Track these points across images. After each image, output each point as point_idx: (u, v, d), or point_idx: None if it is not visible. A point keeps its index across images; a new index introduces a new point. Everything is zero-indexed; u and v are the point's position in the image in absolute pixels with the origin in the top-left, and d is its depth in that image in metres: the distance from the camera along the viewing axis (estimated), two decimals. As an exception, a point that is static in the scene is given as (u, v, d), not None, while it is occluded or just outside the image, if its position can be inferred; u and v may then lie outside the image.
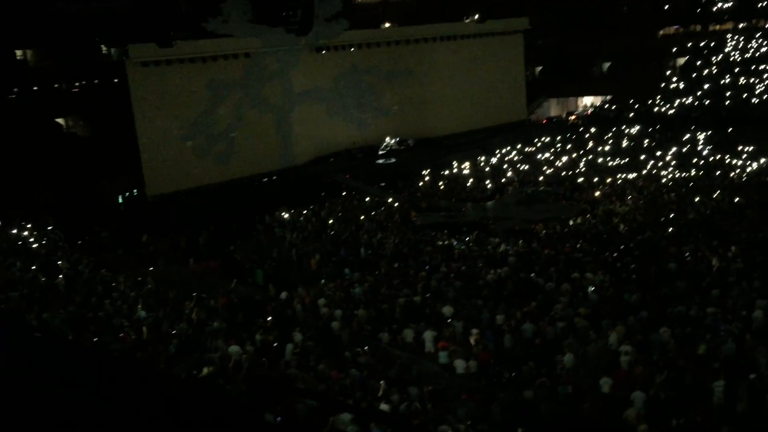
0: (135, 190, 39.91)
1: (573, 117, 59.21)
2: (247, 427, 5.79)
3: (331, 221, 31.35)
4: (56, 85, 47.69)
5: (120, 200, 39.71)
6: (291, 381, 14.35)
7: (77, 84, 48.46)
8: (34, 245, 27.62)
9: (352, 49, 48.71)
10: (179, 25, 49.43)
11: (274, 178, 43.06)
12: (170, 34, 42.56)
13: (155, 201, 38.50)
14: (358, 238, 28.27)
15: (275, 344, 16.97)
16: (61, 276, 22.91)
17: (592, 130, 51.07)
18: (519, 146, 47.24)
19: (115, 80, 43.33)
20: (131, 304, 19.93)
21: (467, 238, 28.47)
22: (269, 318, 19.03)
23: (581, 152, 43.86)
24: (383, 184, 39.63)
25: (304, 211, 33.44)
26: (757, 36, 58.26)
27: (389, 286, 21.62)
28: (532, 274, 21.65)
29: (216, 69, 41.77)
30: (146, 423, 5.15)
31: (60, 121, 47.98)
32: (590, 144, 46.28)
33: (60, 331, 16.72)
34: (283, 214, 32.71)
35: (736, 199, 29.49)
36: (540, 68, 67.17)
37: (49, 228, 30.85)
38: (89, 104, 46.55)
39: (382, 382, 14.25)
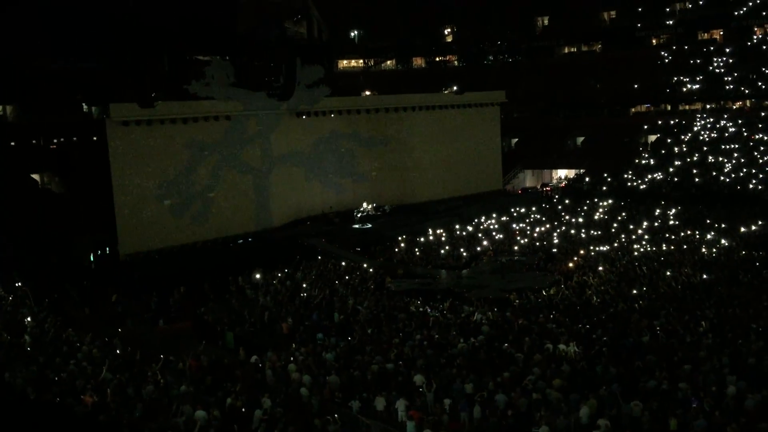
0: (107, 248, 39.47)
1: (548, 188, 60.25)
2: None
3: (305, 285, 31.15)
4: (34, 141, 47.58)
5: (91, 258, 39.19)
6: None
7: (55, 141, 48.41)
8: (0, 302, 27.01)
9: (333, 116, 49.53)
10: (161, 85, 50.10)
11: (250, 239, 42.96)
12: (152, 95, 43.05)
13: (128, 260, 38.09)
14: (332, 302, 28.07)
15: (243, 410, 16.59)
16: (26, 334, 22.33)
17: (566, 201, 51.94)
18: (494, 215, 47.78)
19: (94, 138, 43.38)
20: (96, 365, 19.43)
21: (441, 306, 28.40)
22: (238, 382, 18.64)
23: (555, 223, 44.43)
24: (359, 249, 39.67)
25: (279, 274, 33.21)
26: (725, 116, 60.31)
27: (362, 352, 21.38)
28: (506, 344, 21.58)
29: (196, 130, 42.13)
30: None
31: (35, 177, 47.69)
32: (564, 215, 46.95)
33: (22, 391, 16.22)
34: (256, 276, 32.46)
35: (705, 276, 29.91)
36: (516, 140, 68.73)
37: (17, 284, 30.22)
38: (66, 161, 46.41)
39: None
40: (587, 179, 58.73)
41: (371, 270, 34.36)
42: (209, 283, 31.06)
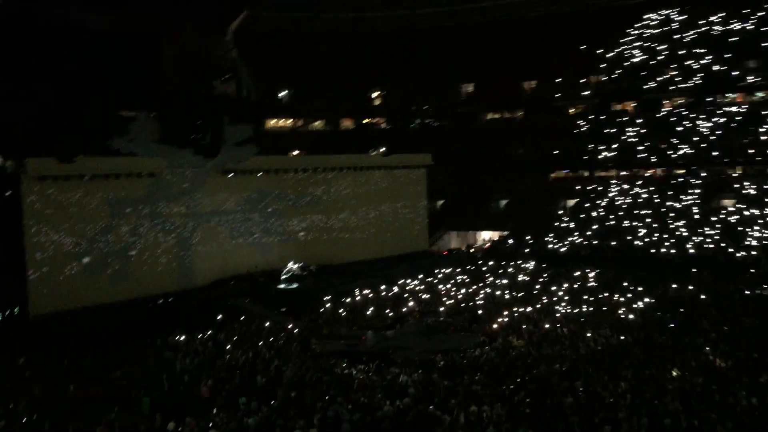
0: (16, 308, 37.45)
1: (472, 250, 61.29)
2: None
3: (227, 347, 30.29)
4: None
5: (-1, 318, 37.11)
6: None
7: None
8: None
9: (260, 175, 49.31)
10: (81, 140, 48.78)
11: (171, 299, 41.65)
12: (72, 150, 41.80)
13: (38, 320, 36.21)
14: (255, 364, 27.36)
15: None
16: None
17: (490, 263, 52.89)
18: (420, 276, 48.09)
19: (7, 193, 41.60)
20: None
21: (367, 368, 28.09)
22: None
23: (480, 284, 45.06)
24: (284, 309, 39.03)
25: (200, 336, 32.21)
26: (637, 183, 63.34)
27: (285, 416, 20.82)
28: (431, 406, 21.46)
29: (118, 186, 41.10)
30: None
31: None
32: (488, 277, 47.71)
33: None
34: (176, 338, 31.37)
35: (623, 337, 30.77)
36: (442, 202, 70.01)
37: None
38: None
39: None
40: (510, 241, 60.14)
41: (296, 331, 33.83)
42: (125, 346, 29.81)
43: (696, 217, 56.41)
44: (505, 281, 45.52)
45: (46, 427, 18.99)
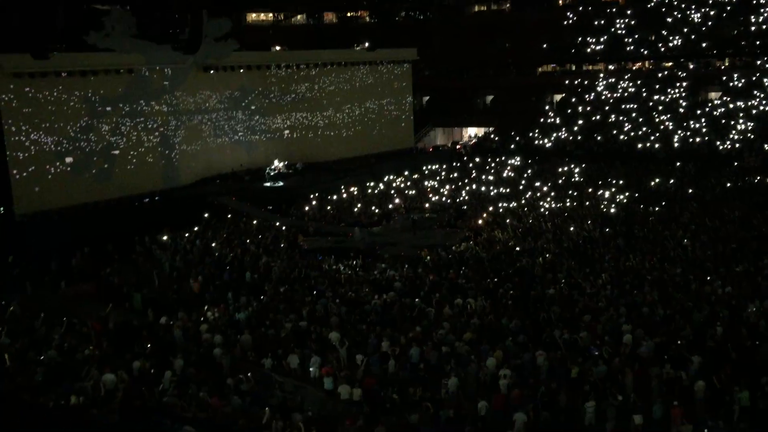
0: (1, 208, 37.33)
1: (458, 146, 61.17)
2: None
3: (215, 244, 30.58)
4: None
5: (-16, 218, 37.04)
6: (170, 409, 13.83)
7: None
8: None
9: (242, 71, 48.18)
10: (56, 36, 47.08)
11: (157, 198, 41.61)
12: (46, 46, 40.39)
13: (24, 220, 36.18)
14: (243, 261, 27.74)
15: (152, 371, 16.29)
16: None
17: (476, 159, 52.95)
18: (406, 173, 48.17)
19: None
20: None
21: (354, 263, 28.59)
22: (147, 344, 18.25)
23: (465, 181, 45.28)
24: (270, 207, 39.19)
25: (187, 234, 32.42)
26: (625, 77, 62.65)
27: (275, 311, 21.32)
28: (417, 300, 22.03)
29: (96, 84, 40.06)
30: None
31: None
32: (474, 173, 47.89)
33: None
34: (164, 236, 31.57)
35: (606, 229, 31.33)
36: (427, 98, 69.09)
37: None
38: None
39: (266, 409, 13.98)
40: (496, 137, 59.96)
41: (283, 228, 34.11)
42: (114, 244, 29.98)
43: (682, 110, 56.22)
44: (490, 177, 45.74)
45: (40, 323, 19.33)
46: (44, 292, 24.88)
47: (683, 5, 63.39)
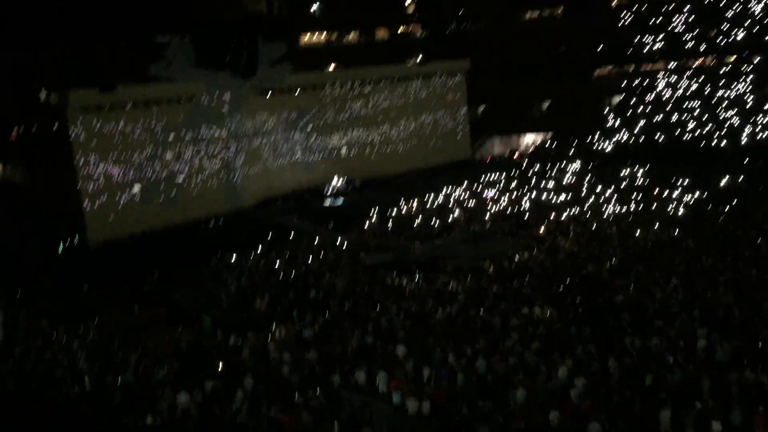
0: (76, 238, 38.86)
1: (516, 155, 60.57)
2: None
3: (278, 264, 31.07)
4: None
5: (60, 248, 38.58)
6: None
7: (14, 131, 47.11)
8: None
9: (298, 92, 49.02)
10: (121, 70, 48.84)
11: (221, 221, 42.60)
12: (112, 80, 41.98)
13: (97, 248, 37.57)
14: (307, 279, 28.07)
15: (224, 392, 16.61)
16: (-2, 329, 22.05)
17: (535, 167, 52.30)
18: (465, 184, 47.97)
19: (54, 127, 42.40)
20: (72, 356, 19.27)
21: (416, 277, 28.55)
22: (218, 365, 18.64)
23: (525, 189, 44.77)
24: (331, 225, 39.59)
25: (252, 255, 33.05)
26: (686, 75, 60.99)
27: (340, 327, 21.48)
28: (482, 311, 21.83)
29: (159, 113, 41.45)
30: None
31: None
32: (533, 181, 47.31)
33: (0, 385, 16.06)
34: (230, 258, 32.25)
35: (675, 232, 30.45)
36: (483, 108, 68.73)
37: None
38: (27, 152, 45.32)
39: (335, 424, 14.07)
40: (554, 144, 59.11)
41: (345, 245, 34.38)
42: (182, 268, 30.82)
43: (749, 105, 54.28)
44: (550, 184, 45.10)
45: (115, 347, 20.00)
46: (119, 317, 25.75)
47: (743, -2, 61.46)
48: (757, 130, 50.55)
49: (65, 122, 38.28)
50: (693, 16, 63.30)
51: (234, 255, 32.69)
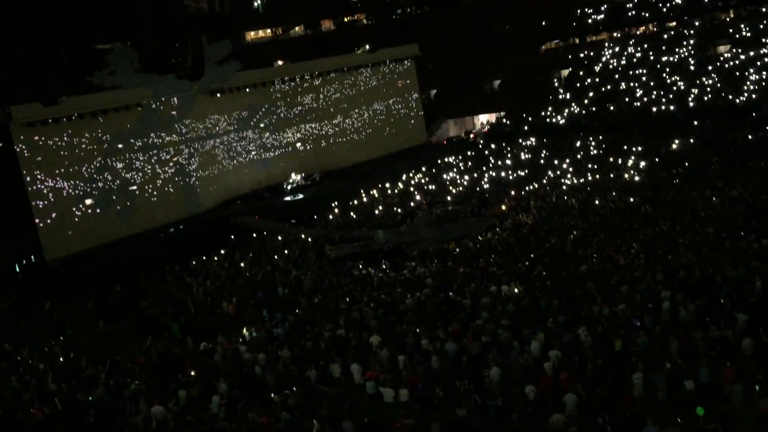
0: (32, 256, 37.88)
1: (472, 135, 60.90)
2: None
3: (243, 264, 30.77)
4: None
5: (17, 268, 37.58)
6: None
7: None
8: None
9: (247, 90, 48.43)
10: (63, 81, 47.71)
11: (181, 227, 41.98)
12: (55, 92, 40.94)
13: (56, 265, 36.72)
14: (274, 278, 27.86)
15: (200, 398, 16.42)
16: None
17: (492, 146, 52.66)
18: (423, 169, 48.06)
19: None
20: (40, 377, 18.82)
21: (383, 266, 28.57)
22: (191, 372, 18.40)
23: (484, 168, 45.05)
24: (294, 220, 39.33)
25: (216, 257, 32.67)
26: (630, 43, 61.95)
27: (312, 322, 21.38)
28: (451, 293, 21.94)
29: (107, 122, 40.51)
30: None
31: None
32: (491, 160, 47.64)
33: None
34: (193, 262, 31.83)
35: (632, 198, 30.96)
36: (434, 91, 68.89)
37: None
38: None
39: (315, 421, 14.01)
40: (508, 121, 59.59)
41: (309, 240, 34.22)
42: (145, 277, 30.33)
43: (692, 68, 55.44)
44: (508, 162, 45.47)
45: (84, 363, 19.58)
46: (84, 332, 25.23)
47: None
48: (702, 92, 51.63)
49: (9, 139, 37.11)
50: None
51: (197, 259, 32.25)
